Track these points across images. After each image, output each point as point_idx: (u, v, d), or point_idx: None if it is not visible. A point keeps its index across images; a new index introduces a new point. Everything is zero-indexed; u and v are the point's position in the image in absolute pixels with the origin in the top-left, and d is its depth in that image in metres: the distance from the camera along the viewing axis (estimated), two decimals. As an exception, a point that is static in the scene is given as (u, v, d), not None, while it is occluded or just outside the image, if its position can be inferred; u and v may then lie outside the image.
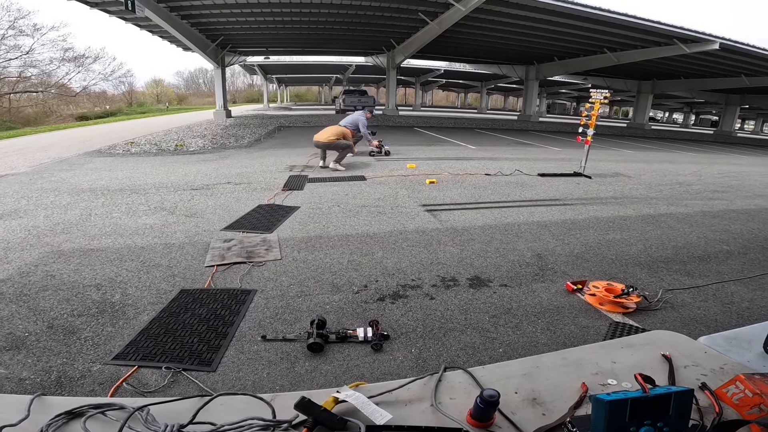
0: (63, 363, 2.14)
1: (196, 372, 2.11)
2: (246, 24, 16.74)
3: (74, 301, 2.75)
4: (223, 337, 2.42)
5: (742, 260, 4.03)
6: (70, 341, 2.33)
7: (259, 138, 12.40)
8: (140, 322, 2.55)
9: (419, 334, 2.53)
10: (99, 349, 2.27)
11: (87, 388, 1.97)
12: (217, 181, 6.45)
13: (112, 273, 3.19)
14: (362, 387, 1.01)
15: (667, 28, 14.34)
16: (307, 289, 3.04)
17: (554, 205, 5.69)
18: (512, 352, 2.39)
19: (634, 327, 2.67)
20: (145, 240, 3.89)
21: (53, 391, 1.93)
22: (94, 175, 6.77)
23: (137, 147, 10.05)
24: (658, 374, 1.07)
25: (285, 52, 26.36)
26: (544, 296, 3.06)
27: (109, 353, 2.23)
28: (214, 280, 3.12)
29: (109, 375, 2.06)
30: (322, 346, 2.31)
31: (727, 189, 7.78)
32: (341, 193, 5.88)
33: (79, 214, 4.66)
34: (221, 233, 4.12)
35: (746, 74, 20.97)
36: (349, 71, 36.07)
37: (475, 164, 8.78)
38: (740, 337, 1.35)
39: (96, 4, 13.04)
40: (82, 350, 2.26)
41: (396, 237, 4.16)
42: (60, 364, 2.13)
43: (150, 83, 61.60)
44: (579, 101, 53.67)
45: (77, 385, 1.99)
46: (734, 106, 29.54)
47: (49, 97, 31.91)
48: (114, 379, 2.03)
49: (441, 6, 13.88)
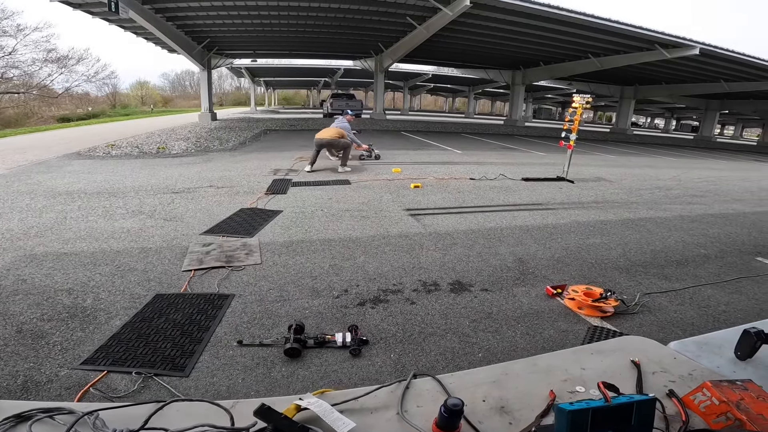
0: (30, 367, 2.11)
1: (168, 377, 2.08)
2: (233, 26, 16.62)
3: (44, 306, 2.70)
4: (197, 342, 2.38)
5: (719, 264, 4.09)
6: (38, 346, 2.29)
7: (244, 141, 12.29)
8: (112, 327, 2.50)
9: (399, 339, 2.51)
10: (67, 353, 2.24)
11: (54, 393, 1.95)
12: (199, 184, 6.36)
13: (84, 277, 3.11)
14: (327, 394, 0.99)
15: (648, 33, 14.63)
16: (286, 293, 3.00)
17: (537, 209, 5.73)
18: (491, 356, 2.39)
19: (612, 331, 2.68)
20: (121, 244, 3.81)
21: (19, 396, 1.91)
22: (71, 178, 6.63)
23: (118, 149, 9.87)
24: (626, 381, 1.06)
25: (273, 54, 26.21)
26: (524, 300, 3.06)
27: (77, 358, 2.20)
28: (190, 284, 3.06)
29: (77, 380, 2.04)
30: (299, 351, 2.28)
31: (706, 193, 7.93)
32: (325, 197, 5.84)
33: (55, 217, 4.55)
34: (200, 237, 4.05)
35: (725, 79, 21.48)
36: (338, 75, 36.04)
37: (460, 169, 8.81)
38: (711, 342, 1.35)
39: (79, 5, 12.85)
40: (50, 355, 2.22)
41: (379, 241, 4.14)
42: (27, 369, 2.10)
43: (135, 85, 60.85)
44: (564, 106, 54.34)
45: (44, 390, 1.97)
46: (714, 111, 30.27)
47: (31, 98, 31.23)
48: (82, 383, 2.01)
49: (428, 10, 13.96)
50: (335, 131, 8.01)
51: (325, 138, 7.88)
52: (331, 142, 7.99)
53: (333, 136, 7.90)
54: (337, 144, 8.06)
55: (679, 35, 15.03)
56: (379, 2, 13.34)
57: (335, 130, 8.06)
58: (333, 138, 7.90)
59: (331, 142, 7.97)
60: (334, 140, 7.94)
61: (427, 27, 14.97)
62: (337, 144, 8.06)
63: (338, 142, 7.99)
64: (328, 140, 7.91)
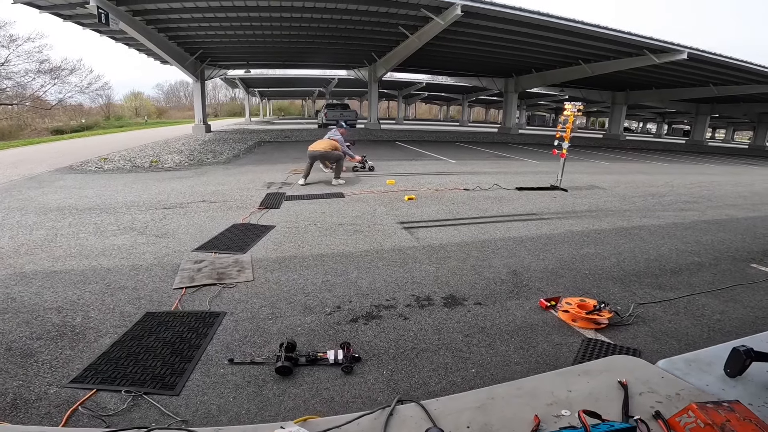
0: (19, 385, 2.12)
1: (158, 396, 2.07)
2: (226, 37, 16.69)
3: (34, 324, 2.69)
4: (188, 361, 2.36)
5: (713, 272, 4.10)
6: (27, 364, 2.29)
7: (238, 154, 12.29)
8: (101, 345, 2.49)
9: (391, 356, 2.49)
10: (56, 372, 2.24)
11: (42, 411, 1.95)
12: (191, 199, 6.33)
13: (74, 296, 3.09)
14: (310, 422, 0.98)
15: (637, 39, 14.83)
16: (278, 311, 2.98)
17: (531, 219, 5.73)
18: (485, 372, 2.37)
19: (606, 343, 2.67)
20: (111, 262, 3.78)
21: (9, 414, 1.93)
22: (63, 194, 6.60)
23: (110, 163, 9.85)
24: (612, 403, 1.05)
25: (266, 65, 26.34)
26: (518, 314, 3.05)
27: (66, 376, 2.20)
28: (181, 302, 3.04)
29: (66, 398, 2.04)
30: (290, 369, 2.26)
31: (699, 199, 7.97)
32: (318, 211, 5.82)
33: (45, 234, 4.52)
34: (192, 254, 4.02)
35: (714, 83, 21.75)
36: (332, 84, 36.18)
37: (454, 179, 8.83)
38: (700, 359, 1.34)
39: (69, 16, 12.88)
40: (39, 373, 2.22)
41: (372, 256, 4.12)
42: (16, 387, 2.11)
43: (129, 96, 60.63)
44: (557, 113, 54.74)
45: (33, 408, 1.97)
46: (704, 115, 30.57)
47: (24, 109, 31.13)
48: (71, 402, 2.00)
49: (421, 20, 14.10)
50: (328, 143, 7.99)
51: (318, 150, 7.85)
52: (324, 155, 7.96)
53: (326, 148, 7.88)
54: (330, 156, 8.02)
55: (667, 40, 15.24)
56: (371, 12, 13.45)
57: (328, 142, 8.04)
58: (326, 150, 7.88)
59: (325, 154, 7.93)
60: (327, 152, 7.91)
61: (420, 36, 15.11)
62: (330, 156, 8.02)
63: (331, 155, 7.96)
64: (321, 152, 7.88)
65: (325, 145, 7.95)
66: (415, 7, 12.81)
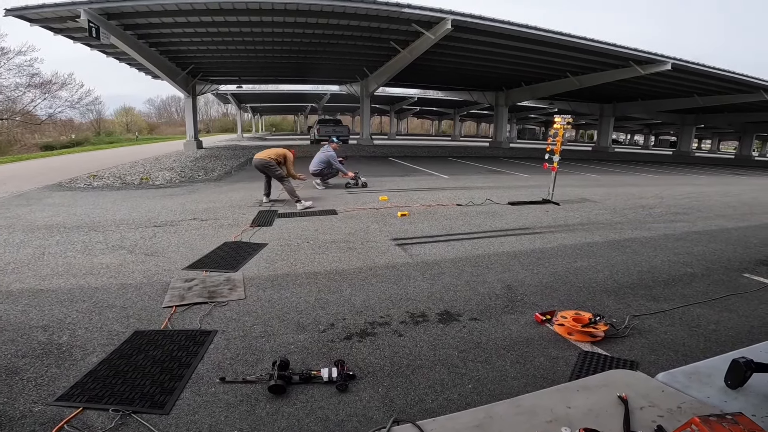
0: (3, 403, 2.08)
1: (147, 415, 2.03)
2: (217, 52, 16.78)
3: (19, 342, 2.64)
4: (178, 379, 2.30)
5: (706, 282, 4.11)
6: (12, 381, 2.25)
7: (230, 170, 12.25)
8: (88, 363, 2.44)
9: (387, 373, 2.45)
10: (42, 389, 2.19)
11: (27, 429, 1.92)
12: (182, 217, 6.26)
13: (61, 314, 3.03)
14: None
15: (622, 51, 15.13)
16: (271, 329, 2.93)
17: (524, 234, 5.74)
18: (481, 387, 2.34)
19: (603, 356, 2.65)
20: (99, 280, 3.71)
21: None
22: (51, 211, 6.51)
23: (100, 180, 9.76)
24: (613, 419, 1.03)
25: (258, 80, 26.58)
26: (513, 328, 3.02)
27: (52, 394, 2.16)
28: (171, 321, 2.98)
29: (52, 416, 2.00)
30: (283, 387, 2.22)
31: (689, 210, 8.05)
32: (311, 228, 5.77)
33: (32, 252, 4.44)
34: (183, 272, 3.96)
35: (699, 94, 22.21)
36: (324, 100, 36.47)
37: (447, 194, 8.84)
38: (700, 372, 1.32)
39: (60, 30, 12.88)
40: (24, 390, 2.18)
41: (365, 273, 4.08)
42: (0, 404, 2.07)
43: (120, 111, 60.48)
44: (547, 126, 55.50)
45: (17, 425, 1.94)
46: (690, 126, 31.19)
47: (14, 125, 30.87)
48: (57, 420, 1.97)
49: (411, 34, 14.31)
50: (273, 152, 6.98)
51: (259, 158, 6.89)
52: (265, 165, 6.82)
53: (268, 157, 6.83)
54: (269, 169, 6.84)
55: (651, 51, 15.57)
56: (363, 27, 13.63)
57: (274, 150, 7.08)
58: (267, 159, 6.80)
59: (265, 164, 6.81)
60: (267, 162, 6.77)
61: (411, 51, 15.31)
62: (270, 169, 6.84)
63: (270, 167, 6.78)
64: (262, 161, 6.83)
65: (268, 154, 6.93)
66: (406, 22, 13.01)
